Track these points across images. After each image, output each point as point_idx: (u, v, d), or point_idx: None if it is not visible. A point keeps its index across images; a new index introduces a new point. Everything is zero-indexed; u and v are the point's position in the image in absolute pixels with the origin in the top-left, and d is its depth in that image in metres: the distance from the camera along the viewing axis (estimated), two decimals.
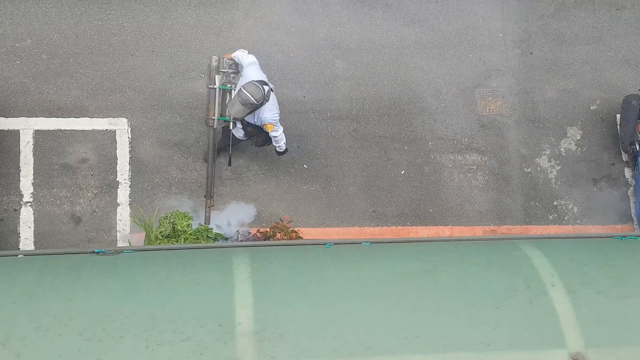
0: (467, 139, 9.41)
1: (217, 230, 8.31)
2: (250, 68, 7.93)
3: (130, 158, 8.82)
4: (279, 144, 8.26)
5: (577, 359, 4.77)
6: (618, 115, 9.61)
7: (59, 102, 8.85)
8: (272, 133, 8.12)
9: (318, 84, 9.34)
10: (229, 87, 8.07)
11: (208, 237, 7.85)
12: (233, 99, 7.90)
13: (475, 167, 9.34)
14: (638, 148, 9.30)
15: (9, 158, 8.65)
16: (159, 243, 7.75)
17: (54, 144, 8.72)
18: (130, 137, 8.85)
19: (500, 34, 9.78)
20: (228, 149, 8.36)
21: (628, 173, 9.56)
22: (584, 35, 9.89)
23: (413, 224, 9.09)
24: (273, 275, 5.08)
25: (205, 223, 8.28)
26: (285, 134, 8.19)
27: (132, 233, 8.57)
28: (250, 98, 7.69)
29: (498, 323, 4.86)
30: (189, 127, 8.97)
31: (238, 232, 8.53)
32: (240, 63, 8.04)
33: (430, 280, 5.07)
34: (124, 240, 8.52)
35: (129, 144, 8.80)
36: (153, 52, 9.13)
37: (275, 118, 8.04)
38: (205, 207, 8.32)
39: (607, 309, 4.98)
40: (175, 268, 5.18)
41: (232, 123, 8.12)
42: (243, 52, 8.06)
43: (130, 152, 8.79)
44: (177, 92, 9.06)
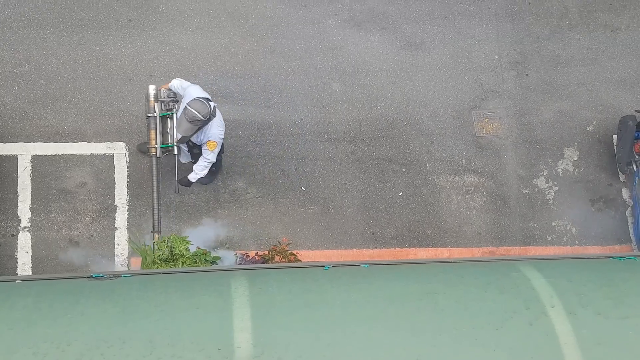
0: (464, 161, 9.43)
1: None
2: (192, 87, 7.87)
3: (128, 182, 8.82)
4: (204, 170, 8.03)
5: None
6: (615, 136, 9.63)
7: (57, 127, 8.87)
8: (210, 156, 7.93)
9: (315, 107, 9.37)
10: (169, 113, 7.90)
11: (206, 260, 7.82)
12: (179, 118, 7.76)
13: (473, 188, 9.35)
14: (635, 168, 9.31)
15: (7, 183, 8.65)
16: (157, 267, 7.72)
17: (52, 169, 8.72)
18: (129, 161, 8.86)
19: (496, 56, 9.83)
20: (174, 178, 8.10)
21: (626, 193, 9.57)
22: (580, 57, 9.94)
23: (412, 246, 9.07)
24: (272, 299, 5.06)
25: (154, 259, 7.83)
26: (283, 157, 8.14)
27: (130, 257, 8.55)
28: (197, 115, 7.58)
29: (498, 344, 4.84)
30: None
31: (236, 255, 8.52)
32: (178, 91, 7.94)
33: (430, 302, 5.06)
34: (122, 265, 8.50)
35: (127, 168, 8.81)
36: (151, 76, 9.16)
37: (222, 135, 7.93)
38: (154, 242, 7.93)
39: (607, 330, 4.97)
40: (174, 292, 5.16)
41: (176, 148, 7.94)
42: (180, 80, 8.00)
43: (129, 176, 8.80)
44: None
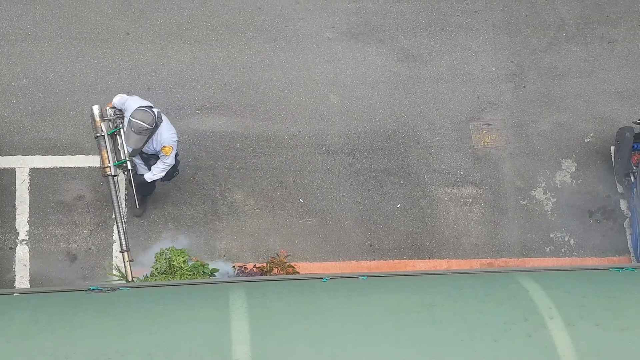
0: (462, 172, 9.44)
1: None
2: (131, 99, 7.76)
3: (126, 194, 8.81)
4: (162, 173, 7.97)
5: None
6: (612, 147, 9.65)
7: (55, 140, 8.87)
8: (169, 159, 7.87)
9: (313, 119, 9.38)
10: (116, 129, 7.79)
11: (204, 272, 7.80)
12: (126, 132, 7.66)
13: (471, 200, 9.35)
14: (633, 180, 9.32)
15: (5, 196, 8.64)
16: (155, 279, 7.70)
17: (50, 182, 8.72)
18: (126, 173, 8.85)
19: (494, 68, 9.86)
20: (133, 194, 8.07)
21: (624, 205, 9.57)
22: (577, 69, 9.97)
23: (410, 258, 9.06)
24: (270, 311, 5.05)
25: (127, 278, 7.77)
26: (281, 169, 8.13)
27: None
28: (143, 124, 7.48)
29: (497, 356, 4.84)
30: (185, 162, 8.97)
31: (235, 267, 8.50)
32: (122, 107, 7.82)
33: (428, 314, 5.05)
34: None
35: (124, 181, 8.81)
36: (149, 89, 9.18)
37: (175, 138, 7.86)
38: (124, 261, 7.78)
39: (606, 341, 4.96)
40: (172, 304, 5.15)
41: (129, 163, 7.85)
42: (120, 95, 7.88)
43: (126, 188, 8.79)
44: None
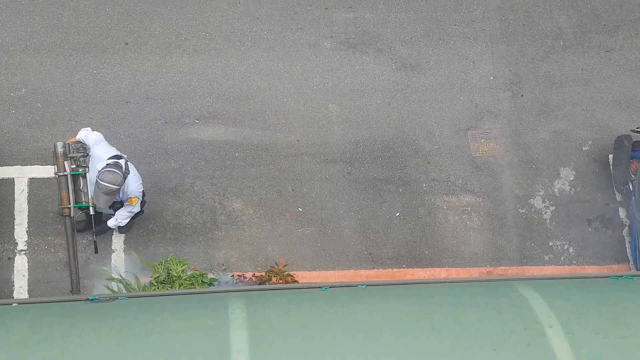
0: (461, 181, 9.44)
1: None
2: (98, 146, 7.66)
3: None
4: (126, 220, 8.03)
5: None
6: (611, 156, 9.66)
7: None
8: (134, 208, 7.91)
9: (312, 128, 9.39)
10: (81, 171, 7.67)
11: (203, 282, 7.80)
12: (95, 193, 7.54)
13: (470, 208, 9.35)
14: (631, 188, 9.33)
15: (4, 206, 8.63)
16: (154, 289, 7.69)
17: (49, 192, 8.70)
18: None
19: (491, 77, 9.88)
20: (92, 235, 8.07)
21: (623, 213, 9.57)
22: (574, 78, 10.00)
23: (409, 266, 9.06)
24: (269, 320, 5.05)
25: None
26: (280, 178, 8.12)
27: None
28: (112, 187, 7.38)
29: None
30: (184, 172, 8.98)
31: (233, 276, 8.49)
32: (86, 143, 7.74)
33: (427, 323, 5.04)
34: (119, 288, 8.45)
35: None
36: (148, 99, 9.19)
37: (141, 189, 7.87)
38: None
39: (605, 350, 4.95)
40: (171, 314, 5.15)
41: (91, 208, 7.77)
42: (86, 130, 7.80)
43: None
44: (171, 138, 9.10)
